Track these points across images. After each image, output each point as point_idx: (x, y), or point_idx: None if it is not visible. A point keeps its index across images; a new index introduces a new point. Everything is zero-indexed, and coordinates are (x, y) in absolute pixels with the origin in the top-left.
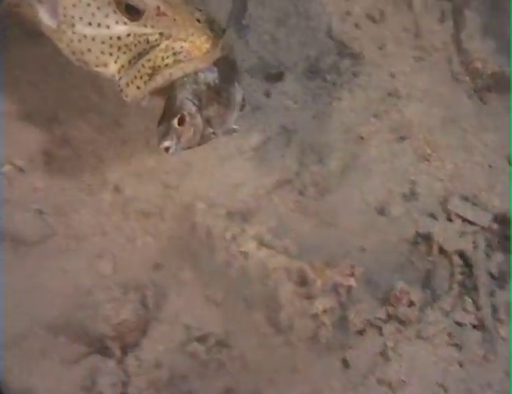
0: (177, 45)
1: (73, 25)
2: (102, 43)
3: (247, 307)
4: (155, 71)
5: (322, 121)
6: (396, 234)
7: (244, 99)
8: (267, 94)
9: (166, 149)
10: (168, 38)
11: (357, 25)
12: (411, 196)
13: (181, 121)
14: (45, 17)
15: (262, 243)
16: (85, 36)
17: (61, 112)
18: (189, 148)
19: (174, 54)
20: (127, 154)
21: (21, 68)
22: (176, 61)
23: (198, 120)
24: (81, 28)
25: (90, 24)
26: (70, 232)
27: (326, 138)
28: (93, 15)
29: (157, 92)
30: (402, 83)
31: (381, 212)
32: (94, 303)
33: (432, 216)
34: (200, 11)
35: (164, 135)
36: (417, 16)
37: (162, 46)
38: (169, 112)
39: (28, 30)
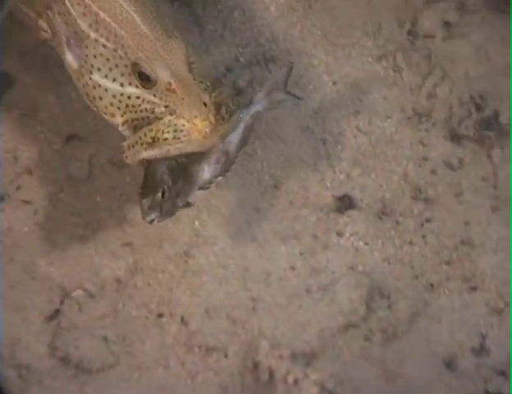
0: (179, 123)
1: (91, 73)
2: (113, 96)
3: None
4: (155, 141)
5: (393, 265)
6: (464, 390)
7: (210, 181)
8: (339, 234)
9: (151, 221)
10: (172, 113)
11: (433, 171)
12: (481, 351)
13: (163, 195)
14: (69, 58)
15: (324, 389)
16: (100, 85)
17: (136, 239)
18: (165, 219)
19: (175, 131)
20: (196, 286)
21: (102, 195)
22: (175, 139)
23: (173, 193)
24: (97, 77)
25: (106, 76)
26: (133, 362)
27: (396, 283)
28: (110, 69)
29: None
30: (477, 232)
31: (449, 365)
32: None
33: (503, 374)
34: (212, 92)
35: (150, 209)
36: (496, 167)
37: (166, 120)
38: (151, 186)
39: (112, 159)
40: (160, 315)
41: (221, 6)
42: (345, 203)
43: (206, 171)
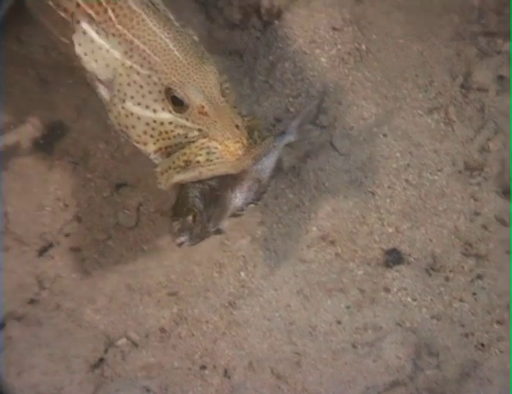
0: (212, 145)
1: (123, 101)
2: (147, 124)
3: None
4: (187, 164)
5: (442, 323)
6: None
7: (242, 208)
8: (387, 289)
9: (180, 244)
10: (205, 136)
11: (485, 227)
12: None
13: (194, 219)
14: (102, 91)
15: None
16: (132, 114)
17: (181, 289)
18: (196, 243)
19: (207, 153)
20: (241, 338)
21: (149, 243)
22: (208, 161)
23: (204, 217)
24: (130, 106)
25: (139, 104)
26: None
27: (445, 341)
28: (143, 96)
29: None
30: None
31: None
32: None
33: None
34: (244, 116)
35: (180, 231)
36: None
37: (198, 143)
38: (182, 209)
39: (159, 208)
40: (203, 367)
41: (272, 57)
42: (393, 258)
43: (238, 198)
